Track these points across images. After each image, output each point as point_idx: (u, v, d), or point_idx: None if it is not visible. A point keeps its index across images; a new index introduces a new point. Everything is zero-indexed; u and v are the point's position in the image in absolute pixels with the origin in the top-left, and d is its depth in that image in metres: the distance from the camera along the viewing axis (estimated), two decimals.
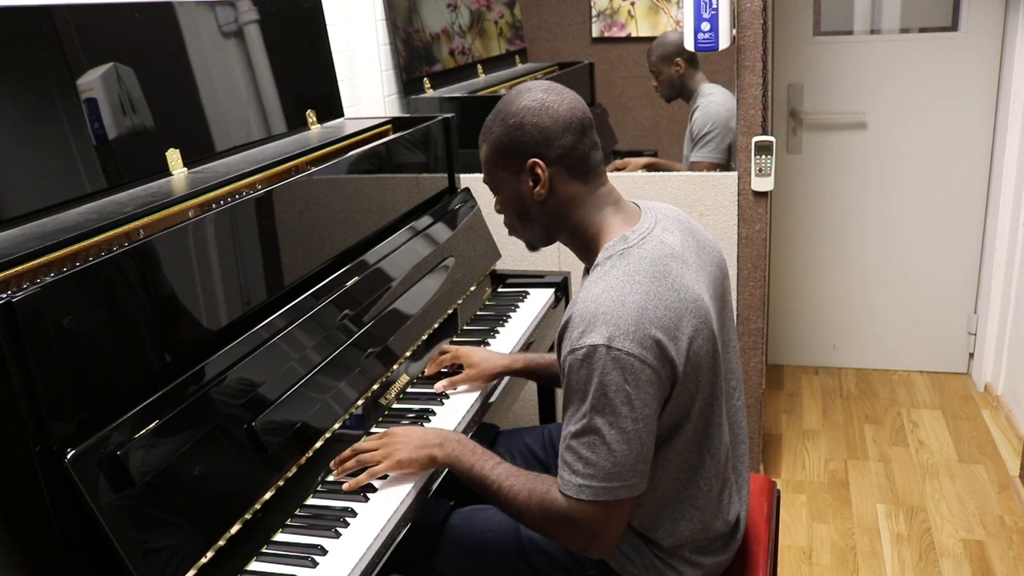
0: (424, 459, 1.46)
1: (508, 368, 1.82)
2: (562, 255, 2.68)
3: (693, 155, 2.71)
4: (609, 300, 1.24)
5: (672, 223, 1.39)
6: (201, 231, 1.41)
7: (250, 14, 1.95)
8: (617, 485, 1.25)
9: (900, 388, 3.45)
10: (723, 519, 1.43)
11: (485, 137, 1.40)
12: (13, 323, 1.05)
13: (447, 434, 1.49)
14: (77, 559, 1.12)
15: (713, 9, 2.37)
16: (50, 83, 1.44)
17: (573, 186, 1.37)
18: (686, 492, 1.38)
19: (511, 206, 1.42)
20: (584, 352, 1.23)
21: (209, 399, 1.32)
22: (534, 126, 1.33)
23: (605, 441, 1.24)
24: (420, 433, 1.50)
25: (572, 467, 1.27)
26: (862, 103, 3.32)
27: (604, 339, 1.21)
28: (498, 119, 1.37)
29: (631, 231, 1.34)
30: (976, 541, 2.51)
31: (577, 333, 1.24)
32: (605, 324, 1.22)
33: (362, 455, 1.48)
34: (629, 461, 1.24)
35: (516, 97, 1.36)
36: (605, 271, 1.30)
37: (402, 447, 1.47)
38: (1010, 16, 3.05)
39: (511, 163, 1.36)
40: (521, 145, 1.34)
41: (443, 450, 1.45)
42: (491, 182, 1.43)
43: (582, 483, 1.26)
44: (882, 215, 3.42)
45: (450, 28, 2.98)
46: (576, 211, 1.38)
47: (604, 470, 1.24)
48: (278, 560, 1.30)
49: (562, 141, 1.33)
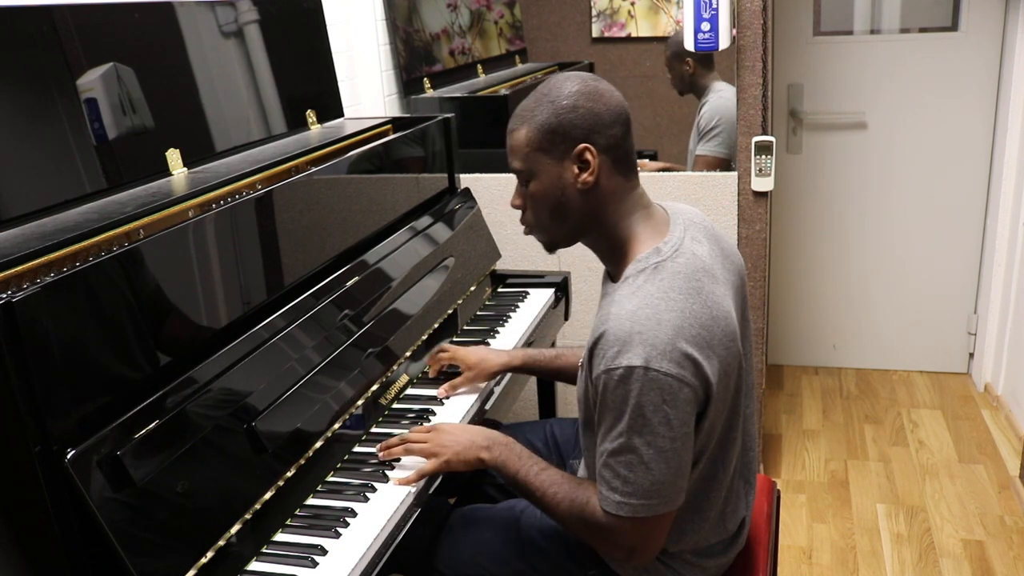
0: (472, 460, 1.46)
1: (507, 366, 1.81)
2: (562, 255, 2.68)
3: (699, 148, 2.71)
4: (645, 318, 1.21)
5: (699, 230, 1.36)
6: (201, 231, 1.41)
7: (250, 14, 1.95)
8: (656, 502, 1.24)
9: (900, 388, 3.45)
10: (727, 525, 1.43)
11: (525, 119, 1.30)
12: (13, 323, 1.05)
13: (495, 436, 1.47)
14: (77, 559, 1.12)
15: (713, 9, 2.37)
16: (50, 83, 1.44)
17: (616, 180, 1.30)
18: (696, 503, 1.38)
19: (546, 197, 1.32)
20: (620, 373, 1.20)
21: (209, 399, 1.32)
22: (588, 110, 1.27)
23: (643, 461, 1.22)
24: (469, 434, 1.49)
25: (611, 484, 1.26)
26: (862, 103, 3.32)
27: (642, 360, 1.18)
28: (545, 101, 1.29)
29: (663, 243, 1.30)
30: (976, 541, 2.51)
31: (613, 352, 1.21)
32: (642, 344, 1.19)
33: (411, 445, 1.49)
34: (667, 479, 1.23)
35: (564, 81, 1.29)
36: (639, 286, 1.25)
37: (450, 446, 1.47)
38: (1010, 16, 3.05)
39: (557, 147, 1.28)
40: (572, 128, 1.27)
41: (490, 453, 1.44)
42: (525, 169, 1.32)
43: (621, 500, 1.25)
44: (882, 215, 3.42)
45: (450, 28, 2.98)
46: (613, 209, 1.32)
47: (642, 488, 1.23)
48: (278, 560, 1.30)
49: (612, 131, 1.28)
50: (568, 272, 2.41)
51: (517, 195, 1.37)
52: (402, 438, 1.52)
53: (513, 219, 2.70)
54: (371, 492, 1.45)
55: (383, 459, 1.51)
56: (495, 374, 1.81)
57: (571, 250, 1.45)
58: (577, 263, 2.65)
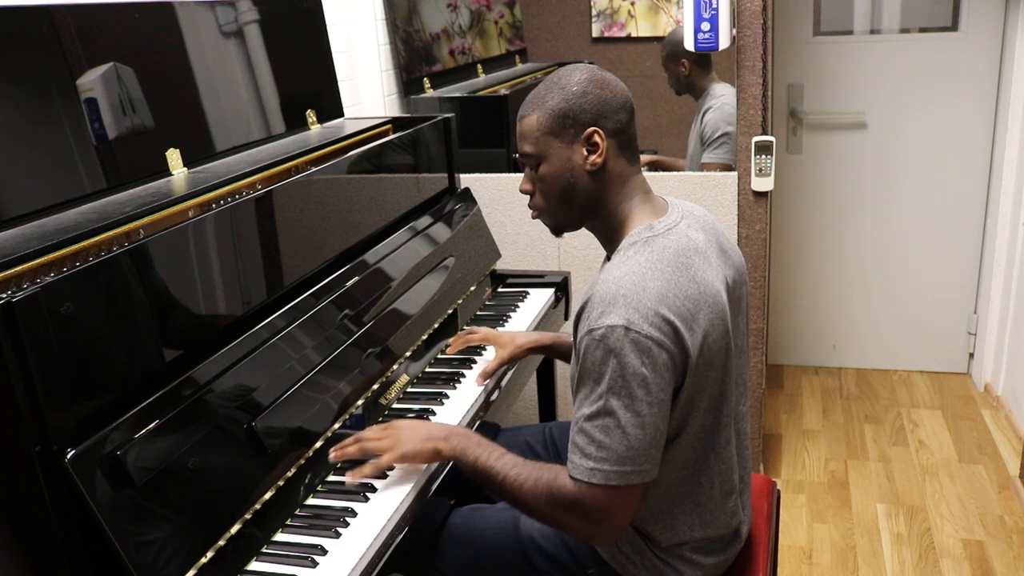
0: (429, 452, 1.46)
1: (537, 343, 1.85)
2: (562, 255, 2.68)
3: (705, 156, 2.71)
4: (630, 283, 1.25)
5: (698, 222, 1.40)
6: (201, 231, 1.41)
7: (250, 14, 1.95)
8: (629, 470, 1.25)
9: (900, 388, 3.45)
10: (725, 521, 1.43)
11: (536, 106, 1.37)
12: (13, 323, 1.05)
13: (452, 428, 1.49)
14: (77, 559, 1.12)
15: (713, 9, 2.37)
16: (50, 83, 1.44)
17: (621, 163, 1.37)
18: (687, 489, 1.38)
19: (556, 179, 1.38)
20: (602, 332, 1.23)
21: (209, 399, 1.32)
22: (597, 96, 1.34)
23: (620, 424, 1.23)
24: (425, 426, 1.50)
25: (584, 450, 1.26)
26: (862, 103, 3.32)
27: (623, 320, 1.22)
28: (555, 88, 1.36)
29: (658, 221, 1.36)
30: (976, 541, 2.51)
31: (596, 313, 1.25)
32: (625, 306, 1.23)
33: (365, 443, 1.48)
34: (643, 446, 1.24)
35: (573, 71, 1.37)
36: (628, 256, 1.30)
37: (407, 439, 1.46)
38: (1010, 16, 3.05)
39: (567, 131, 1.35)
40: (582, 112, 1.34)
41: (448, 443, 1.45)
42: (536, 153, 1.38)
43: (594, 466, 1.25)
44: (882, 215, 3.42)
45: (450, 28, 2.98)
46: (617, 191, 1.38)
47: (617, 454, 1.24)
48: (278, 560, 1.30)
49: (619, 116, 1.36)
50: (568, 272, 2.41)
51: (526, 180, 1.43)
52: (356, 437, 1.50)
53: (513, 219, 2.72)
54: (371, 492, 1.45)
55: (333, 460, 1.49)
56: (527, 350, 1.85)
57: (571, 250, 1.47)
58: (577, 263, 2.65)
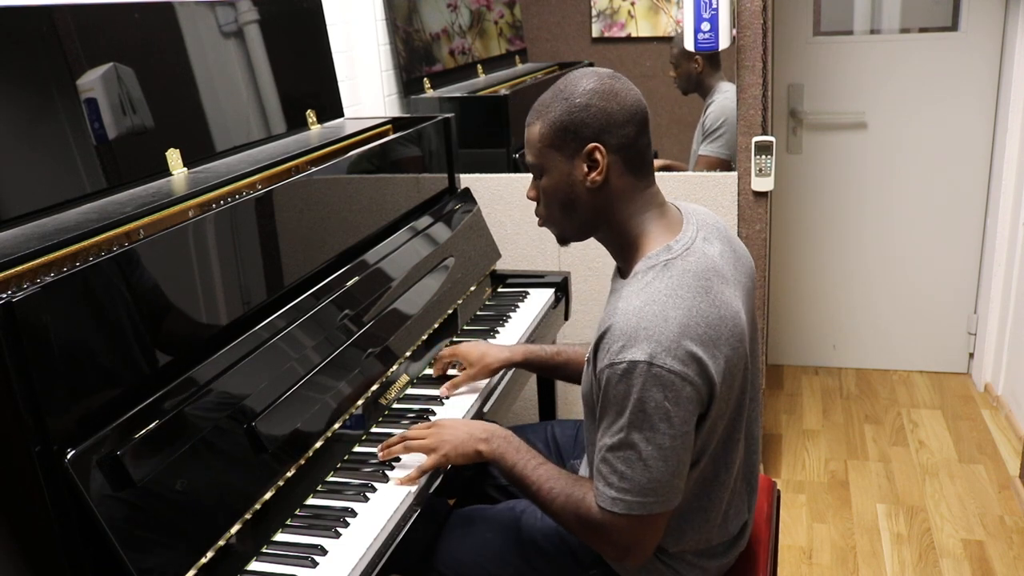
0: (471, 453, 1.45)
1: (508, 361, 1.80)
2: (562, 255, 2.68)
3: (702, 148, 2.71)
4: (651, 315, 1.21)
5: (712, 231, 1.36)
6: (201, 231, 1.41)
7: (250, 14, 1.95)
8: (651, 500, 1.24)
9: (900, 388, 3.45)
10: (729, 527, 1.43)
11: (540, 115, 1.31)
12: (13, 323, 1.05)
13: (494, 429, 1.48)
14: (77, 559, 1.12)
15: (713, 9, 2.37)
16: (50, 83, 1.44)
17: (627, 180, 1.31)
18: (698, 504, 1.37)
19: (556, 192, 1.33)
20: (624, 367, 1.20)
21: (209, 399, 1.32)
22: (600, 110, 1.27)
23: (641, 457, 1.22)
24: (467, 427, 1.49)
25: (607, 480, 1.25)
26: (862, 103, 3.32)
27: (646, 356, 1.19)
28: (560, 98, 1.29)
29: (674, 241, 1.30)
30: (976, 541, 2.51)
31: (617, 347, 1.21)
32: (647, 340, 1.19)
33: (410, 442, 1.49)
34: (665, 477, 1.23)
35: (581, 78, 1.30)
36: (647, 282, 1.25)
37: (449, 439, 1.46)
38: (1010, 16, 3.05)
39: (568, 145, 1.29)
40: (583, 127, 1.27)
41: (489, 445, 1.44)
42: (538, 164, 1.34)
43: (616, 496, 1.24)
44: (882, 215, 3.42)
45: (450, 28, 2.98)
46: (624, 207, 1.32)
47: (639, 485, 1.23)
48: (278, 560, 1.30)
49: (625, 130, 1.28)
50: (568, 272, 2.41)
51: (532, 187, 1.39)
52: (401, 436, 1.52)
53: (513, 219, 2.72)
54: (371, 492, 1.45)
55: (383, 459, 1.51)
56: (496, 370, 1.80)
57: (571, 250, 1.47)
58: (577, 263, 2.65)
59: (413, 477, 1.46)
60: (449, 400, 1.76)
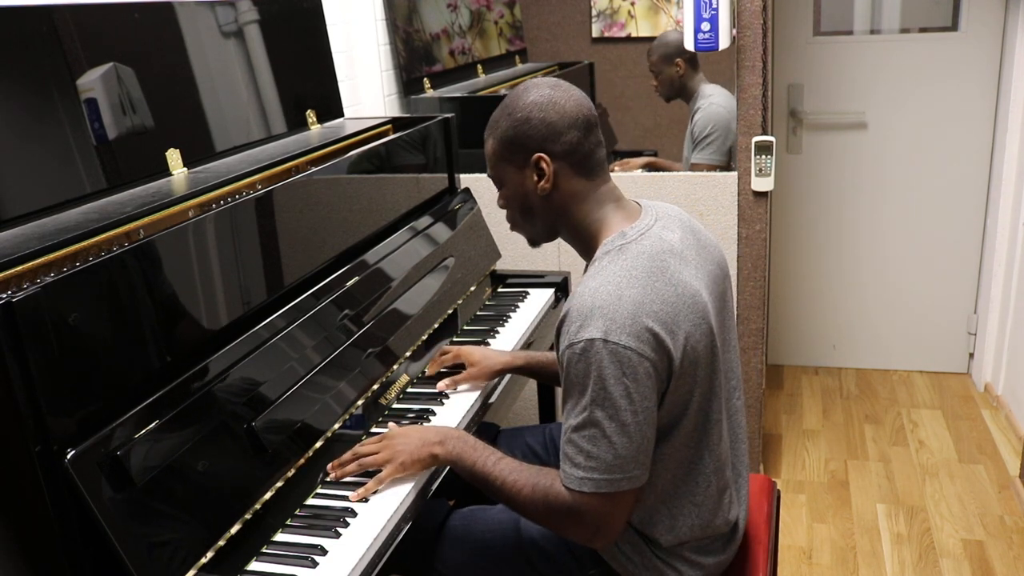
0: (426, 458, 1.46)
1: (509, 365, 1.82)
2: (562, 255, 2.68)
3: (694, 157, 2.71)
4: (606, 294, 1.25)
5: (673, 221, 1.40)
6: (201, 231, 1.41)
7: (250, 14, 1.95)
8: (619, 477, 1.26)
9: (900, 388, 3.45)
10: (723, 518, 1.43)
11: (491, 131, 1.40)
12: (13, 323, 1.05)
13: (447, 431, 1.49)
14: (77, 559, 1.12)
15: (713, 9, 2.37)
16: (50, 83, 1.44)
17: (577, 182, 1.38)
18: (684, 488, 1.38)
19: (515, 201, 1.43)
20: (581, 346, 1.24)
21: (209, 399, 1.32)
22: (540, 121, 1.34)
23: (605, 434, 1.24)
24: (420, 432, 1.49)
25: (573, 460, 1.27)
26: (862, 103, 3.32)
27: (601, 333, 1.22)
28: (504, 113, 1.38)
29: (630, 227, 1.35)
30: (976, 541, 2.51)
31: (575, 328, 1.25)
32: (602, 318, 1.23)
33: (363, 459, 1.47)
34: (630, 453, 1.25)
35: (523, 93, 1.38)
36: (603, 266, 1.31)
37: (403, 449, 1.46)
38: (1010, 16, 3.05)
39: (516, 157, 1.37)
40: (527, 139, 1.35)
41: (444, 448, 1.45)
42: (496, 176, 1.43)
43: (584, 476, 1.26)
44: (882, 215, 3.42)
45: (450, 28, 2.98)
46: (578, 208, 1.39)
47: (605, 462, 1.25)
48: (278, 560, 1.30)
49: (567, 137, 1.35)
50: (568, 272, 2.41)
51: (500, 197, 1.47)
52: (353, 452, 1.49)
53: None
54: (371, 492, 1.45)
55: (334, 479, 1.47)
56: (497, 373, 1.82)
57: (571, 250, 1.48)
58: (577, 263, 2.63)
59: (371, 488, 1.43)
60: (449, 400, 1.76)
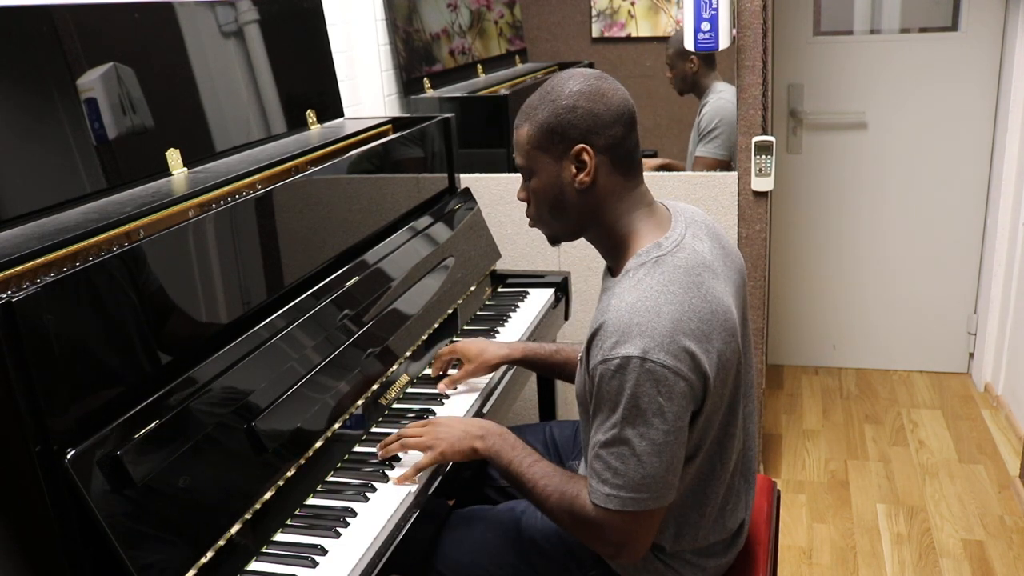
0: (466, 450, 1.45)
1: (507, 358, 1.80)
2: (562, 255, 2.68)
3: (699, 150, 2.72)
4: (644, 310, 1.21)
5: (700, 228, 1.37)
6: (201, 231, 1.41)
7: (250, 14, 1.95)
8: (645, 496, 1.23)
9: (900, 388, 3.45)
10: (726, 525, 1.43)
11: (528, 117, 1.32)
12: (13, 323, 1.05)
13: (490, 426, 1.48)
14: (77, 559, 1.12)
15: (713, 9, 2.37)
16: (50, 83, 1.44)
17: (615, 180, 1.31)
18: (694, 500, 1.37)
19: (546, 194, 1.34)
20: (617, 363, 1.20)
21: (209, 399, 1.32)
22: (587, 111, 1.27)
23: (635, 453, 1.22)
24: (463, 424, 1.49)
25: (600, 476, 1.25)
26: (862, 103, 3.32)
27: (639, 351, 1.19)
28: (547, 100, 1.30)
29: (664, 238, 1.31)
30: (976, 541, 2.51)
31: (610, 343, 1.21)
32: (640, 335, 1.19)
33: (407, 440, 1.49)
34: (659, 472, 1.22)
35: (568, 80, 1.30)
36: (639, 279, 1.26)
37: (445, 437, 1.46)
38: (1010, 16, 3.05)
39: (556, 147, 1.30)
40: (571, 128, 1.28)
41: (484, 443, 1.44)
42: (527, 166, 1.34)
43: (610, 492, 1.24)
44: (882, 215, 3.42)
45: (450, 28, 2.98)
46: (613, 207, 1.33)
47: (633, 481, 1.23)
48: (278, 560, 1.30)
49: (612, 131, 1.28)
50: (568, 272, 2.41)
51: (522, 189, 1.39)
52: (398, 434, 1.52)
53: (513, 219, 2.72)
54: (371, 492, 1.45)
55: (382, 458, 1.51)
56: (495, 366, 1.80)
57: (571, 250, 1.47)
58: (577, 263, 2.65)
59: (409, 475, 1.46)
60: (449, 399, 1.76)
